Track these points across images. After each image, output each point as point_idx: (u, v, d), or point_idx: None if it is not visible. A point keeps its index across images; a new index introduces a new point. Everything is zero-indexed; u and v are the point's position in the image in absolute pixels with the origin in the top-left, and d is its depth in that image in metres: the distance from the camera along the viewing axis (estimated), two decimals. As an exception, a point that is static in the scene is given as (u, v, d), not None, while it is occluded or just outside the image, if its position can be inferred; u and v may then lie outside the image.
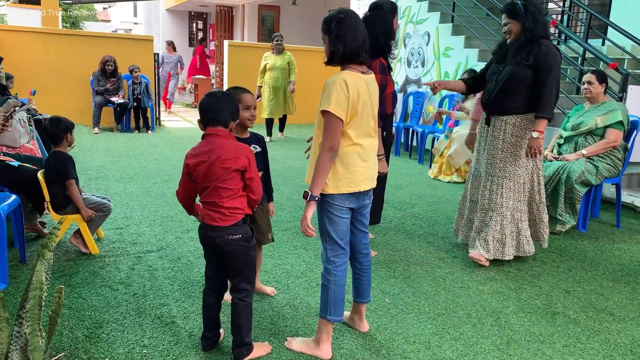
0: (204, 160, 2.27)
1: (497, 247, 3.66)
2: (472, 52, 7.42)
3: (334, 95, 2.25)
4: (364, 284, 2.68)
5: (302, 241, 4.03)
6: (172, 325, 2.72)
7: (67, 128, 3.54)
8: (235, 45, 11.02)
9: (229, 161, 2.26)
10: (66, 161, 3.48)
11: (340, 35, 2.31)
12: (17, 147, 4.26)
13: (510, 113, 3.58)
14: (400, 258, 3.80)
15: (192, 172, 2.31)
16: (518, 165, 3.61)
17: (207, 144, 2.32)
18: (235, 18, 16.78)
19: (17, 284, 3.08)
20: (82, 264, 3.42)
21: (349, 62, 2.35)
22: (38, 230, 3.87)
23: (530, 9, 3.49)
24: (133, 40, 10.52)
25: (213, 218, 2.31)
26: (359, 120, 2.34)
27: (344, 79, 2.27)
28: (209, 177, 2.28)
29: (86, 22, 28.73)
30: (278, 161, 7.15)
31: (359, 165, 2.38)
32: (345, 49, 2.31)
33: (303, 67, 10.90)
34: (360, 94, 2.30)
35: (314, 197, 2.31)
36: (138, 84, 9.04)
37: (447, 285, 3.38)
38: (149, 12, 20.35)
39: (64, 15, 23.23)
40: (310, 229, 2.34)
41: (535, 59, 3.44)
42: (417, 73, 8.60)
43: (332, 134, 2.27)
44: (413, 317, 2.94)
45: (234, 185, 2.30)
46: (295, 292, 3.18)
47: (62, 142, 3.54)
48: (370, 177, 2.46)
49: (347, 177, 2.36)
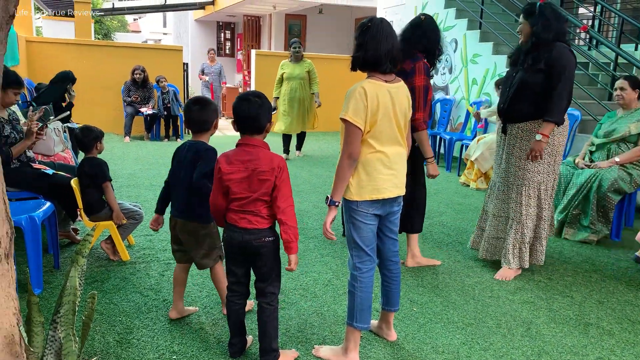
0: (240, 170, 2.28)
1: (518, 256, 3.59)
2: (501, 58, 7.34)
3: (352, 104, 2.30)
4: (392, 291, 2.67)
5: (329, 249, 4.03)
6: (200, 331, 2.75)
7: (97, 137, 3.63)
8: (262, 55, 11.13)
9: (267, 173, 2.27)
10: (101, 165, 3.59)
11: (362, 42, 2.36)
12: (52, 155, 4.38)
13: (523, 119, 3.49)
14: (429, 267, 3.76)
15: (225, 178, 2.30)
16: (537, 172, 3.51)
17: (243, 153, 2.31)
18: (262, 27, 16.96)
19: (51, 289, 3.15)
20: (114, 270, 3.48)
21: (372, 69, 2.38)
22: (71, 237, 3.96)
23: (545, 12, 3.38)
24: (163, 51, 10.74)
25: (250, 221, 2.31)
26: (379, 128, 2.35)
27: (363, 87, 2.31)
28: (247, 188, 2.29)
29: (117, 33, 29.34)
30: (304, 169, 7.17)
31: (382, 172, 2.39)
32: (365, 55, 2.35)
33: (329, 75, 10.94)
34: (380, 102, 2.32)
35: (334, 202, 2.35)
36: (166, 93, 9.20)
37: (476, 294, 3.34)
38: (178, 22, 20.72)
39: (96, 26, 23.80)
40: (329, 232, 2.37)
41: (546, 62, 3.35)
42: (445, 80, 8.54)
43: (350, 141, 2.31)
44: (441, 326, 2.91)
45: (265, 195, 2.30)
46: (322, 300, 3.18)
47: (92, 150, 3.63)
48: (395, 185, 2.45)
49: (370, 184, 2.38)
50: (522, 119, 3.49)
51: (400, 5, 9.62)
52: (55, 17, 16.14)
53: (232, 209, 2.34)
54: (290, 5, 14.28)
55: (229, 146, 2.51)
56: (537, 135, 3.35)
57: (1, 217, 1.82)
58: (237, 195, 2.30)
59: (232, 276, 2.46)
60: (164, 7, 16.76)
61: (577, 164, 4.67)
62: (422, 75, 3.36)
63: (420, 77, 3.35)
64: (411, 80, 3.30)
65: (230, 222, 2.35)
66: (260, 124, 2.33)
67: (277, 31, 15.98)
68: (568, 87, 3.33)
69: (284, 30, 16.01)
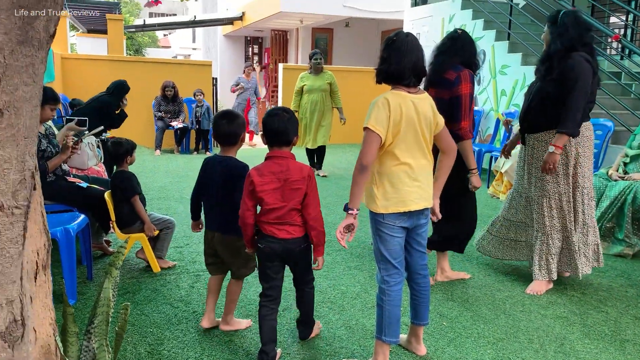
0: (272, 181, 2.41)
1: (545, 268, 3.52)
2: (530, 69, 7.25)
3: (374, 113, 2.33)
4: (421, 305, 2.64)
5: (356, 262, 4.02)
6: (229, 343, 2.77)
7: (128, 150, 3.72)
8: (290, 68, 11.22)
9: (298, 182, 2.42)
10: (130, 178, 3.66)
11: (386, 56, 2.40)
12: (86, 169, 4.48)
13: (540, 130, 3.44)
14: (458, 280, 3.72)
15: (258, 190, 2.41)
16: (557, 183, 3.44)
17: (274, 165, 2.44)
18: (289, 41, 17.12)
19: (84, 300, 3.22)
20: (145, 282, 3.54)
21: (395, 83, 2.40)
22: (104, 249, 4.04)
23: (565, 20, 3.31)
24: (192, 66, 10.93)
25: (289, 232, 2.46)
26: (403, 139, 2.35)
27: (386, 98, 2.34)
28: (280, 199, 2.42)
29: (148, 49, 30.03)
30: (331, 181, 7.18)
31: (408, 184, 2.39)
32: (388, 69, 2.39)
33: (355, 87, 10.97)
34: (403, 113, 2.33)
35: (349, 209, 2.34)
36: (200, 106, 9.38)
37: (507, 309, 3.28)
38: (207, 37, 21.09)
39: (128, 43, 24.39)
40: (341, 236, 2.36)
41: (559, 72, 3.28)
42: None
43: (366, 148, 2.32)
44: (472, 341, 2.87)
45: (300, 202, 2.45)
46: (350, 313, 3.16)
47: (123, 163, 3.72)
48: (422, 197, 2.43)
49: (396, 197, 2.37)
50: (538, 130, 3.46)
51: (428, 17, 9.61)
52: (89, 34, 16.62)
53: (267, 221, 2.46)
54: (317, 19, 14.40)
55: (258, 159, 2.55)
56: (550, 147, 3.29)
57: (39, 229, 1.88)
58: (271, 206, 2.42)
59: (268, 282, 2.56)
60: (193, 23, 17.08)
61: (611, 176, 4.57)
62: (467, 84, 3.26)
63: (466, 85, 3.26)
64: (456, 89, 3.24)
65: (268, 233, 2.47)
66: (289, 137, 2.47)
67: (304, 45, 16.11)
68: (582, 98, 3.22)
69: (311, 44, 16.13)
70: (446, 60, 3.34)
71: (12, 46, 1.46)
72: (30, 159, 1.63)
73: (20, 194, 1.60)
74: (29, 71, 1.53)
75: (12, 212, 1.58)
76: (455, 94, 3.24)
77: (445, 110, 2.96)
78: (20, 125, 1.54)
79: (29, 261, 1.79)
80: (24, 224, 1.64)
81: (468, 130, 3.28)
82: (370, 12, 13.39)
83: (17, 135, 1.54)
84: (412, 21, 10.14)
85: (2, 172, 1.53)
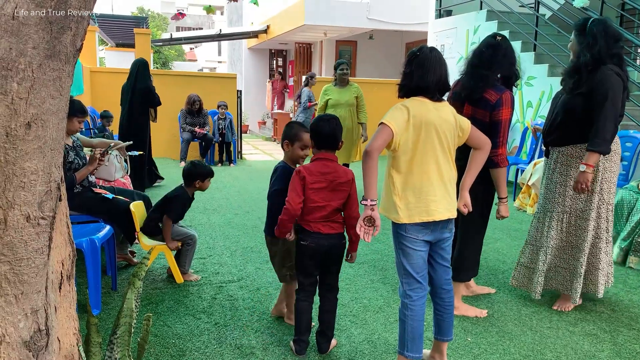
0: (320, 181, 2.62)
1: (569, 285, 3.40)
2: (557, 80, 7.14)
3: (390, 113, 2.34)
4: (445, 321, 2.59)
5: (379, 275, 3.98)
6: (251, 355, 2.76)
7: (200, 175, 3.75)
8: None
9: (345, 184, 2.65)
10: (181, 203, 3.75)
11: (409, 71, 2.40)
12: (113, 180, 4.56)
13: (564, 143, 3.30)
14: (483, 295, 3.65)
15: (307, 187, 2.60)
16: (578, 199, 3.29)
17: (322, 166, 2.65)
18: (313, 54, 17.23)
19: (108, 310, 3.25)
20: (168, 293, 3.56)
21: (418, 95, 2.40)
22: (128, 259, 4.09)
23: (594, 30, 3.13)
24: (218, 78, 11.06)
25: (333, 227, 2.67)
26: (424, 146, 2.33)
27: (405, 105, 2.36)
28: (328, 197, 2.64)
29: (175, 62, 30.55)
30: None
31: (431, 194, 2.36)
32: (411, 84, 2.39)
33: (379, 100, 10.96)
34: (423, 117, 2.32)
35: (365, 199, 2.32)
36: (223, 119, 9.47)
37: (534, 325, 3.20)
38: (232, 51, 21.36)
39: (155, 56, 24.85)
40: (362, 227, 2.32)
41: (587, 86, 3.12)
42: (498, 103, 8.39)
43: (375, 137, 2.32)
44: (497, 357, 2.80)
45: (342, 201, 2.68)
46: (373, 327, 3.13)
47: (190, 186, 3.79)
48: (445, 207, 2.40)
49: (419, 207, 2.35)
50: (563, 143, 3.32)
51: (452, 29, 9.57)
52: (117, 47, 16.99)
53: (313, 219, 2.66)
54: (340, 32, 14.47)
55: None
56: (581, 166, 3.13)
57: (64, 240, 1.90)
58: (317, 204, 2.63)
59: (308, 278, 2.74)
60: (219, 37, 17.33)
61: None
62: (508, 108, 3.06)
63: (507, 110, 3.05)
64: (497, 113, 3.04)
65: (315, 230, 2.66)
66: (337, 140, 2.68)
67: (327, 57, 16.19)
68: (613, 114, 3.06)
69: (335, 56, 16.20)
70: (488, 75, 3.11)
71: (40, 60, 1.50)
72: (57, 171, 1.66)
73: (46, 205, 1.63)
74: (56, 84, 1.56)
75: (38, 222, 1.60)
76: (495, 118, 3.05)
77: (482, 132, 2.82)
78: (47, 138, 1.57)
79: (53, 271, 1.81)
80: (49, 235, 1.67)
81: (505, 157, 3.10)
82: (394, 24, 13.40)
83: (43, 147, 1.57)
84: (436, 33, 10.11)
85: (29, 184, 1.56)
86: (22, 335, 1.63)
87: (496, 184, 3.14)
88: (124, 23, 15.63)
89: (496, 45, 3.18)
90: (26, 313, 1.63)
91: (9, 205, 1.53)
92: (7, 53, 1.43)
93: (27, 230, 1.58)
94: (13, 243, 1.56)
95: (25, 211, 1.57)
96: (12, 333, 1.61)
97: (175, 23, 36.15)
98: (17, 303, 1.61)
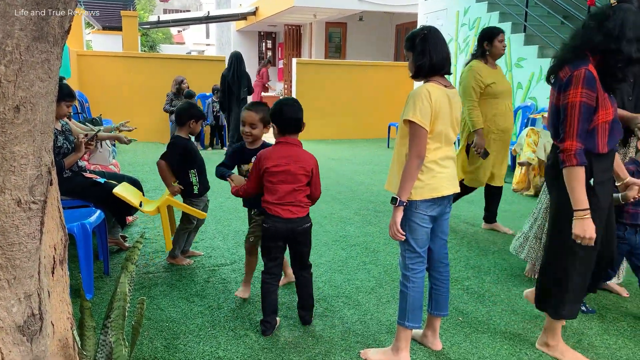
0: (282, 164, 2.66)
1: None
2: (547, 61, 7.16)
3: (418, 106, 2.34)
4: (442, 295, 2.66)
5: (371, 257, 4.01)
6: (245, 337, 2.77)
7: (193, 116, 3.64)
8: (303, 63, 11.21)
9: (307, 170, 2.69)
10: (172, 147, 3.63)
11: (425, 50, 2.42)
12: (108, 165, 4.55)
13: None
14: (474, 275, 3.69)
15: (268, 174, 2.67)
16: None
17: (284, 150, 2.69)
18: (303, 36, 17.11)
19: (101, 295, 3.25)
20: (161, 277, 3.56)
21: (434, 74, 2.44)
22: (120, 244, 4.07)
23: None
24: (206, 61, 10.96)
25: (292, 212, 2.70)
26: (439, 130, 2.40)
27: (428, 90, 2.36)
28: (290, 180, 2.67)
29: (162, 45, 30.16)
30: (346, 176, 7.17)
31: (438, 171, 2.44)
32: (430, 62, 2.41)
33: (370, 82, 10.93)
34: (442, 106, 2.38)
35: (402, 202, 2.37)
36: (217, 102, 9.39)
37: (524, 304, 3.25)
38: (220, 33, 21.15)
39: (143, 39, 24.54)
40: (400, 233, 2.41)
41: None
42: (488, 85, 8.40)
43: (418, 142, 2.34)
44: (488, 336, 2.85)
45: (305, 185, 2.72)
46: (365, 308, 3.16)
47: (184, 126, 3.66)
48: (451, 183, 2.51)
49: (429, 184, 2.42)
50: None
51: (442, 11, 9.53)
52: (104, 31, 16.75)
53: (273, 201, 2.70)
54: (330, 13, 14.36)
55: (273, 154, 2.55)
56: None
57: (56, 224, 1.89)
58: (276, 188, 2.68)
59: (272, 260, 2.81)
60: (207, 19, 17.13)
61: None
62: (579, 89, 2.29)
63: (576, 91, 2.29)
64: (564, 95, 2.34)
65: (274, 214, 2.70)
66: (300, 123, 2.73)
67: (317, 39, 16.09)
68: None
69: (325, 38, 16.11)
70: (574, 48, 2.39)
71: (27, 42, 1.47)
72: (47, 155, 1.65)
73: (37, 189, 1.61)
74: (44, 67, 1.54)
75: (29, 207, 1.59)
76: (564, 100, 2.35)
77: (552, 120, 2.47)
78: (37, 121, 1.55)
79: (46, 256, 1.81)
80: (41, 219, 1.66)
81: (573, 153, 2.31)
82: (384, 6, 13.31)
83: (33, 130, 1.55)
84: (427, 14, 10.06)
85: (19, 168, 1.54)
86: (16, 319, 1.63)
87: (569, 190, 2.35)
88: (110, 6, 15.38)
89: (611, 12, 2.32)
90: (19, 298, 1.63)
91: (0, 189, 1.52)
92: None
93: (18, 215, 1.57)
94: (4, 228, 1.55)
95: (16, 195, 1.55)
96: (6, 318, 1.60)
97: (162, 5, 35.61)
98: (10, 288, 1.60)
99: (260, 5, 15.68)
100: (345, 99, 10.86)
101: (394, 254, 4.05)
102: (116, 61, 9.74)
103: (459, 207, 5.42)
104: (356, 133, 10.99)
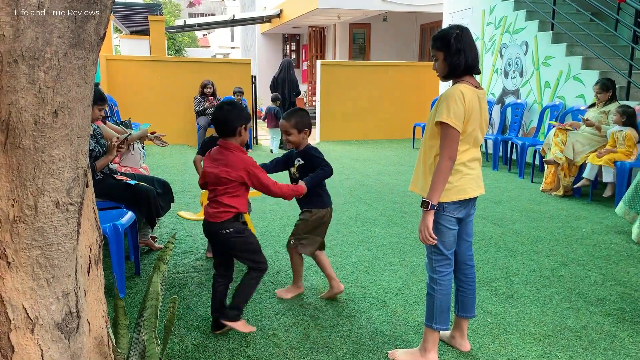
0: (213, 166, 2.70)
1: None
2: (575, 60, 7.04)
3: (452, 107, 2.31)
4: (468, 297, 2.65)
5: (397, 257, 4.00)
6: (273, 337, 2.80)
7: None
8: (327, 64, 11.23)
9: (232, 173, 2.66)
10: None
11: (461, 48, 2.38)
12: (139, 168, 4.63)
13: None
14: (502, 276, 3.66)
15: (205, 174, 2.73)
16: None
17: (217, 152, 2.74)
18: (327, 38, 17.13)
19: (132, 294, 3.32)
20: (191, 277, 3.62)
21: (466, 74, 2.42)
22: (150, 245, 4.15)
23: None
24: (232, 64, 11.07)
25: (209, 214, 2.72)
26: (469, 131, 2.39)
27: (462, 91, 2.34)
28: (213, 184, 2.70)
29: (188, 49, 30.55)
30: (370, 177, 7.16)
31: (466, 173, 2.44)
32: (467, 61, 2.38)
33: (395, 82, 10.90)
34: (473, 107, 2.36)
35: (434, 205, 2.35)
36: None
37: (554, 305, 3.21)
38: (245, 36, 21.30)
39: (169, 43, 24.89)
40: (432, 237, 2.38)
41: None
42: (515, 84, 8.29)
43: (451, 144, 2.32)
44: (517, 338, 2.82)
45: (231, 190, 2.69)
46: (392, 309, 3.16)
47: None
48: (477, 185, 2.50)
49: (457, 186, 2.41)
50: None
51: (467, 10, 9.45)
52: (132, 35, 17.05)
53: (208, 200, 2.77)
54: (354, 14, 14.36)
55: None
56: None
57: (91, 225, 1.95)
58: (209, 188, 2.73)
59: (215, 259, 2.89)
60: (232, 22, 17.29)
61: None
62: None
63: None
64: None
65: (205, 212, 2.77)
66: (231, 127, 2.71)
67: (341, 41, 16.10)
68: None
69: (349, 40, 16.10)
70: None
71: (65, 49, 1.52)
72: (83, 157, 1.70)
73: (74, 191, 1.67)
74: (81, 73, 1.59)
75: (66, 208, 1.65)
76: None
77: None
78: (74, 125, 1.61)
79: (82, 256, 1.86)
80: (77, 220, 1.71)
81: None
82: (409, 6, 13.24)
83: (70, 134, 1.60)
84: (452, 14, 9.99)
85: (58, 170, 1.59)
86: (55, 317, 1.68)
87: None
88: (138, 10, 15.65)
89: None
90: (57, 296, 1.68)
91: (39, 191, 1.57)
92: (34, 42, 1.46)
93: (56, 216, 1.63)
94: (43, 228, 1.61)
95: (55, 197, 1.61)
96: (45, 315, 1.66)
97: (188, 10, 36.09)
98: (49, 286, 1.66)
99: (285, 7, 15.77)
100: (370, 100, 10.85)
101: (420, 254, 4.04)
102: (144, 65, 9.90)
103: (486, 207, 5.38)
104: (381, 134, 10.96)
